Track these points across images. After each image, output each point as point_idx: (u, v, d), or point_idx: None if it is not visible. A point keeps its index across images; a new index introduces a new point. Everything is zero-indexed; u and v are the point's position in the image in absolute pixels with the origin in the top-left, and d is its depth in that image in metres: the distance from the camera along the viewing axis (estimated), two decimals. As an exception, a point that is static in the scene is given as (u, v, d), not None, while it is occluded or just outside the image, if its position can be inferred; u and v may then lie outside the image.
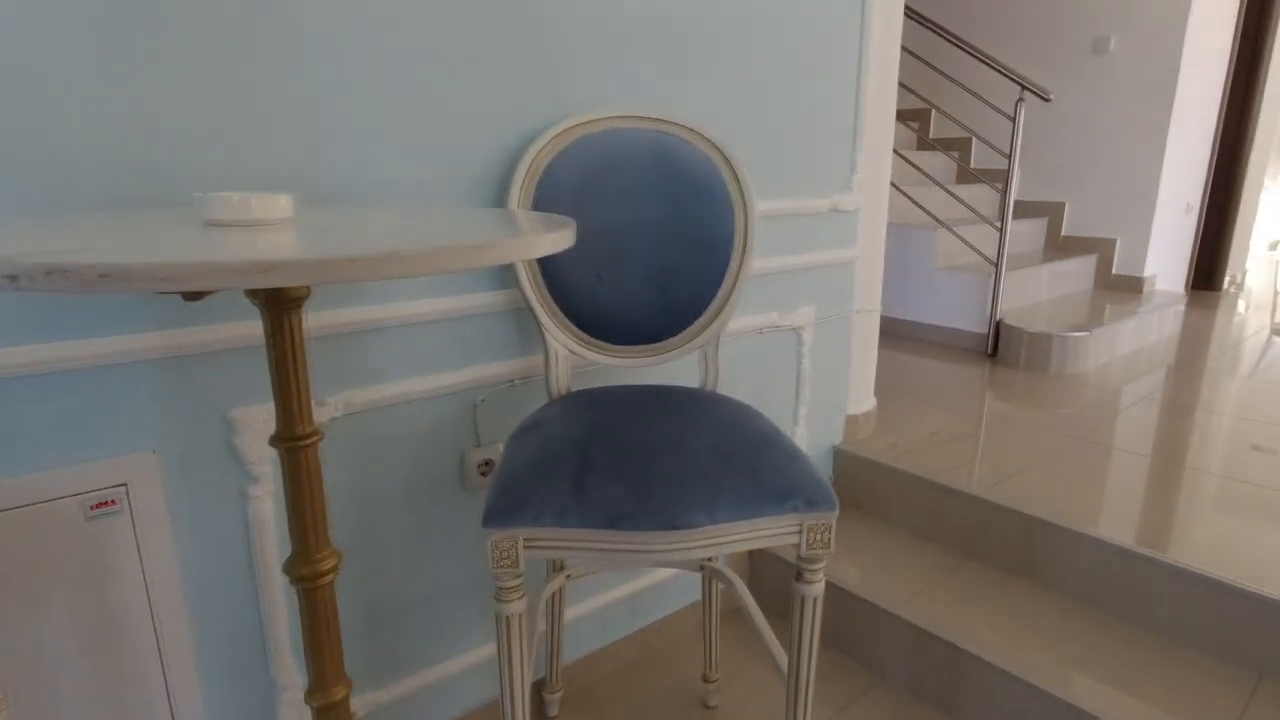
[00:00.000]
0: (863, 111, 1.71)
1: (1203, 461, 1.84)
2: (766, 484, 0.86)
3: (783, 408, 1.75)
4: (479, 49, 1.08)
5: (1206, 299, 4.12)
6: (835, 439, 1.91)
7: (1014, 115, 2.59)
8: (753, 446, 0.92)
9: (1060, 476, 1.74)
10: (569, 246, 0.75)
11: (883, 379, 2.48)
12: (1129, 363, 2.75)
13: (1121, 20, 3.19)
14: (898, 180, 3.03)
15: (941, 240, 2.92)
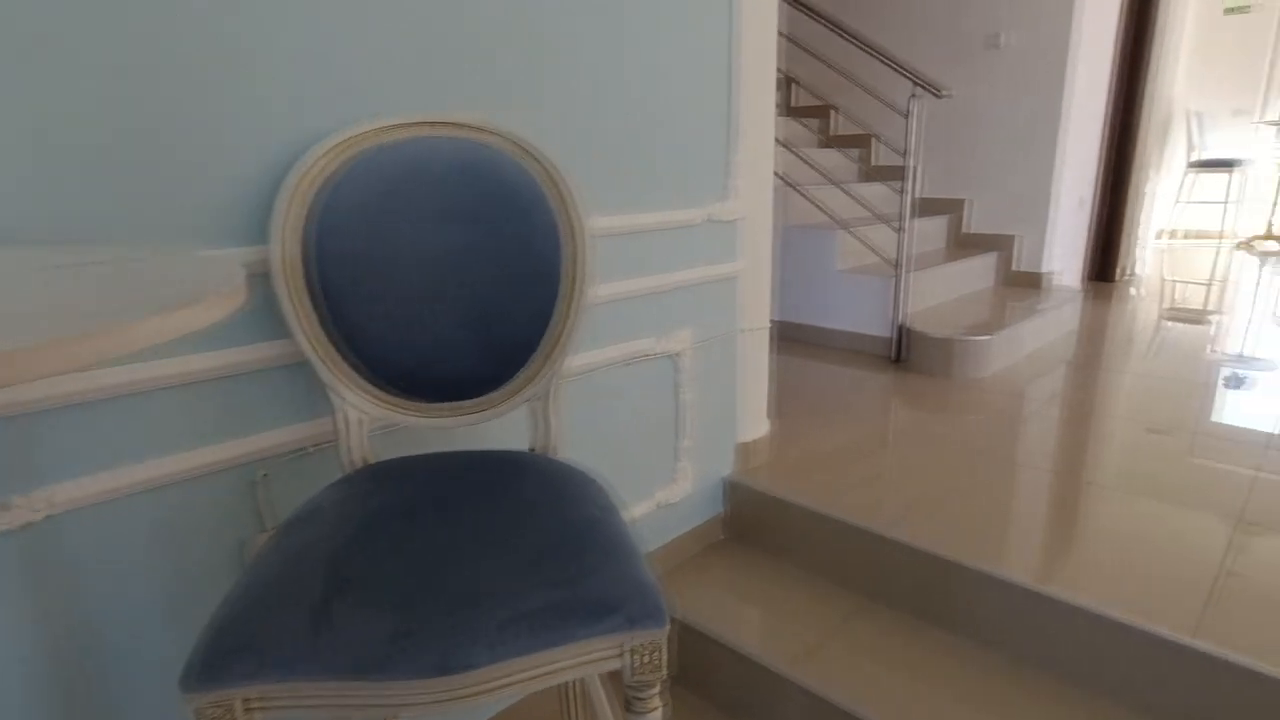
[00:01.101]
0: (738, 113, 1.54)
1: (1099, 474, 1.75)
2: (578, 598, 0.67)
3: (661, 444, 1.57)
4: (228, 47, 0.85)
5: (1103, 290, 4.19)
6: (726, 470, 1.75)
7: (909, 112, 2.49)
8: (568, 544, 0.73)
9: (964, 504, 1.62)
10: (237, 308, 0.54)
11: (784, 392, 2.34)
12: (1032, 362, 2.70)
13: (1012, 17, 3.15)
14: (799, 180, 2.90)
15: (844, 242, 2.81)
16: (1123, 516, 1.55)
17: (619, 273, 1.36)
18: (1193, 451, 1.88)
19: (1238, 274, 4.80)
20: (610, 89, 1.28)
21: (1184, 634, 1.16)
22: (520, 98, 1.15)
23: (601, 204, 1.30)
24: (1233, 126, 6.46)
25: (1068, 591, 1.27)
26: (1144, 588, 1.29)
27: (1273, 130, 6.23)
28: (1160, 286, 4.39)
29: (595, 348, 1.35)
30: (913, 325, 2.61)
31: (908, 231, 2.57)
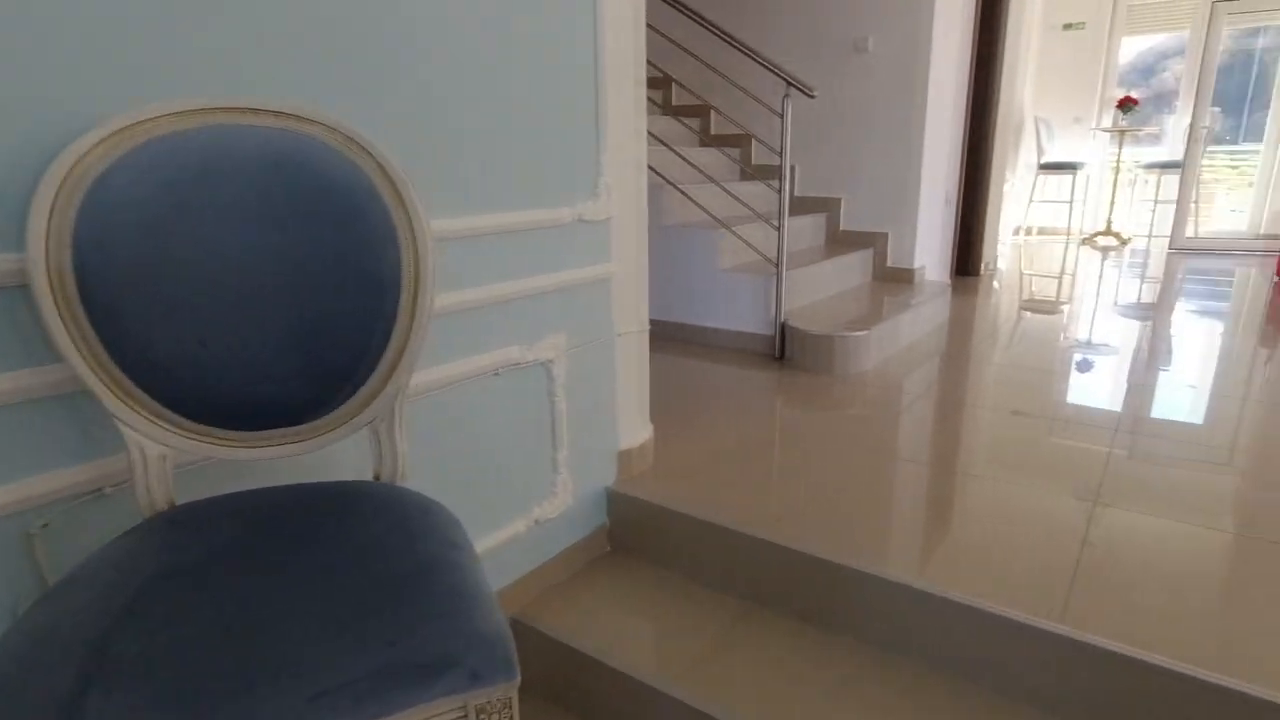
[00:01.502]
0: (606, 109, 1.47)
1: (972, 464, 1.81)
2: (409, 657, 0.57)
3: (536, 457, 1.48)
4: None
5: (968, 284, 4.43)
6: (608, 480, 1.68)
7: (782, 111, 2.51)
8: (402, 592, 0.63)
9: (845, 501, 1.62)
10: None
11: (666, 395, 2.30)
12: (908, 354, 2.79)
13: (877, 21, 3.26)
14: (678, 179, 2.88)
15: (724, 241, 2.81)
16: (993, 503, 1.59)
17: (481, 277, 1.26)
18: (1053, 433, 1.98)
19: (1083, 267, 5.21)
20: (464, 79, 1.18)
21: (1052, 618, 1.19)
22: (355, 84, 1.03)
23: (456, 203, 1.20)
24: (1074, 133, 7.04)
25: (944, 585, 1.28)
26: (1014, 573, 1.32)
27: (1106, 136, 6.83)
28: (1018, 280, 4.69)
29: (456, 359, 1.25)
30: (793, 322, 2.63)
31: (785, 229, 2.60)
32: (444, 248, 1.18)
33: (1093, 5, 6.79)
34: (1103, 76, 6.87)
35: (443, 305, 1.19)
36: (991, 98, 4.38)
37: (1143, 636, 1.14)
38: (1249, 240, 5.69)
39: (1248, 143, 6.48)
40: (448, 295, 1.20)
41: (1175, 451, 1.87)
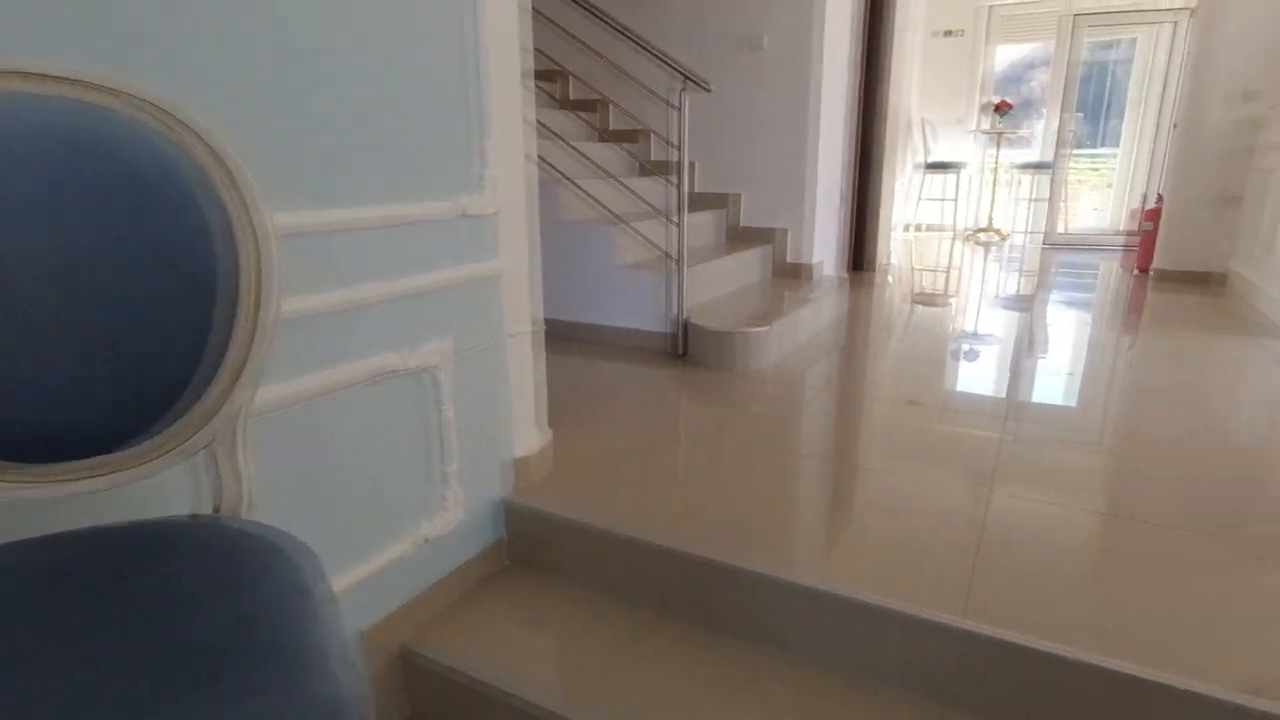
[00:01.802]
0: (487, 98, 1.37)
1: (870, 458, 1.83)
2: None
3: (422, 471, 1.37)
4: None
5: (861, 279, 4.56)
6: (503, 490, 1.58)
7: (678, 105, 2.47)
8: (213, 663, 0.52)
9: (747, 501, 1.59)
10: None
11: (565, 397, 2.22)
12: (807, 349, 2.82)
13: (769, 20, 3.29)
14: (575, 175, 2.80)
15: (621, 237, 2.75)
16: (893, 496, 1.60)
17: (349, 277, 1.15)
18: (946, 422, 2.03)
19: (967, 262, 5.48)
20: (320, 53, 1.06)
21: (955, 611, 1.19)
22: (178, 52, 0.90)
23: (314, 195, 1.08)
24: (955, 134, 7.41)
25: (846, 584, 1.26)
26: (917, 567, 1.32)
27: (984, 138, 7.23)
28: (907, 274, 4.88)
29: (322, 368, 1.12)
30: (694, 319, 2.61)
31: (685, 225, 2.57)
32: (300, 245, 1.06)
33: (969, 14, 7.16)
34: (979, 82, 7.26)
35: (301, 309, 1.06)
36: (879, 99, 4.52)
37: (1044, 625, 1.15)
38: (1110, 235, 6.15)
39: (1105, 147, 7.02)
40: (308, 297, 1.07)
41: (1058, 435, 1.95)
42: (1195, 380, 2.46)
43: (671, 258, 2.61)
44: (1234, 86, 4.11)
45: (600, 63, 2.68)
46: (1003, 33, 7.21)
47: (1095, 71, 6.91)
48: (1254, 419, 2.12)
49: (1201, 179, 4.28)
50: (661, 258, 2.76)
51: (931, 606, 1.19)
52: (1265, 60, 4.01)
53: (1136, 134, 5.94)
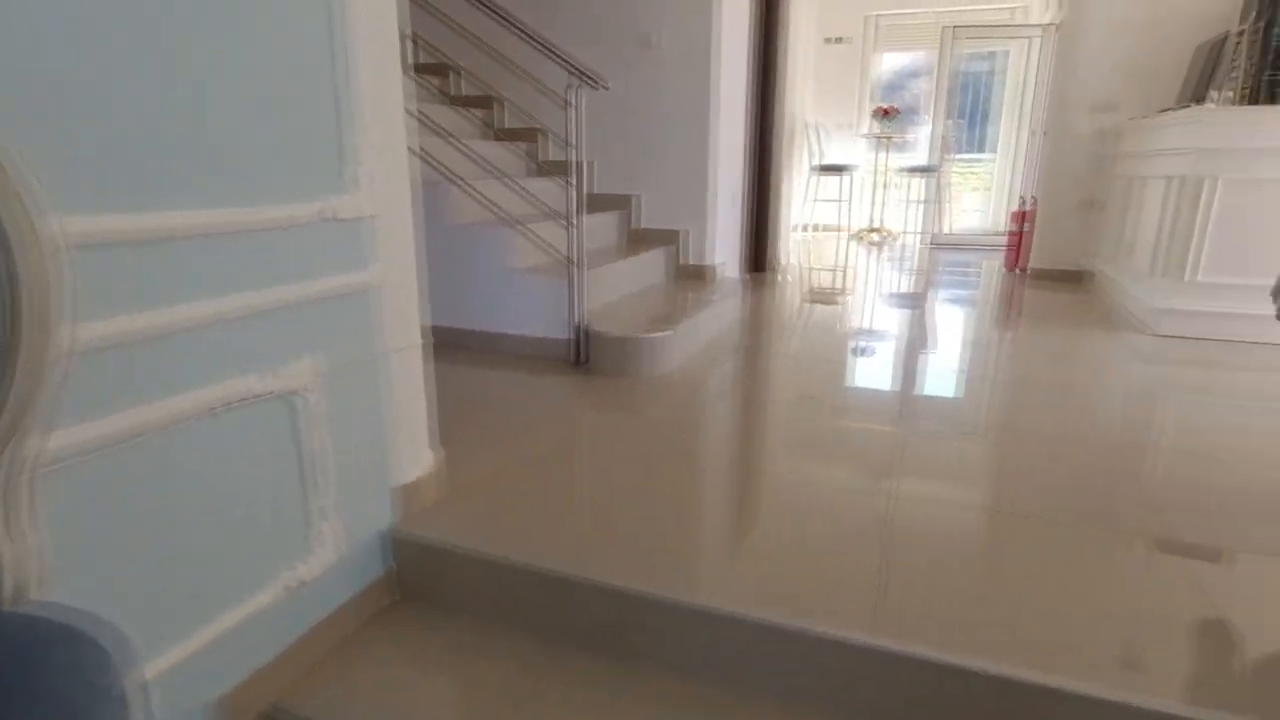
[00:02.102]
0: (355, 87, 1.23)
1: (774, 462, 1.80)
2: None
3: (285, 510, 1.22)
4: None
5: (759, 279, 4.61)
6: (387, 520, 1.44)
7: (572, 103, 2.37)
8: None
9: (652, 519, 1.51)
10: None
11: (457, 411, 2.08)
12: (709, 352, 2.79)
13: (663, 18, 3.24)
14: (465, 175, 2.65)
15: (516, 240, 2.63)
16: (799, 503, 1.57)
17: (183, 292, 0.99)
18: (850, 422, 2.03)
19: (858, 261, 5.66)
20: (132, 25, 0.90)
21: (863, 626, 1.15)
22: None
23: (132, 195, 0.92)
24: (844, 138, 7.66)
25: (752, 604, 1.21)
26: (826, 579, 1.28)
27: (871, 142, 7.51)
28: (802, 274, 4.98)
29: (149, 400, 0.96)
30: (592, 325, 2.52)
31: (582, 228, 2.47)
32: (114, 255, 0.89)
33: (855, 22, 7.42)
34: (866, 88, 7.54)
35: (117, 331, 0.90)
36: (774, 102, 4.58)
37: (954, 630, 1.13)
38: (990, 236, 6.51)
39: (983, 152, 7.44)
40: (126, 317, 0.91)
41: (950, 430, 1.99)
42: (1069, 375, 2.59)
43: (569, 261, 2.52)
44: (1094, 98, 4.41)
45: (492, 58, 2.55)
46: (886, 41, 7.52)
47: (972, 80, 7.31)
48: (1124, 411, 2.23)
49: (1068, 184, 4.57)
50: (559, 261, 2.66)
51: (846, 619, 1.16)
52: (1121, 75, 4.32)
53: (1010, 140, 6.32)
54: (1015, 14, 6.88)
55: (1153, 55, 4.23)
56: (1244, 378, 2.60)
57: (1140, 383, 2.55)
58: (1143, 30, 4.22)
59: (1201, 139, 3.01)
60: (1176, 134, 3.22)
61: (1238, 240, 3.03)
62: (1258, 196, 2.98)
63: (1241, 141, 2.95)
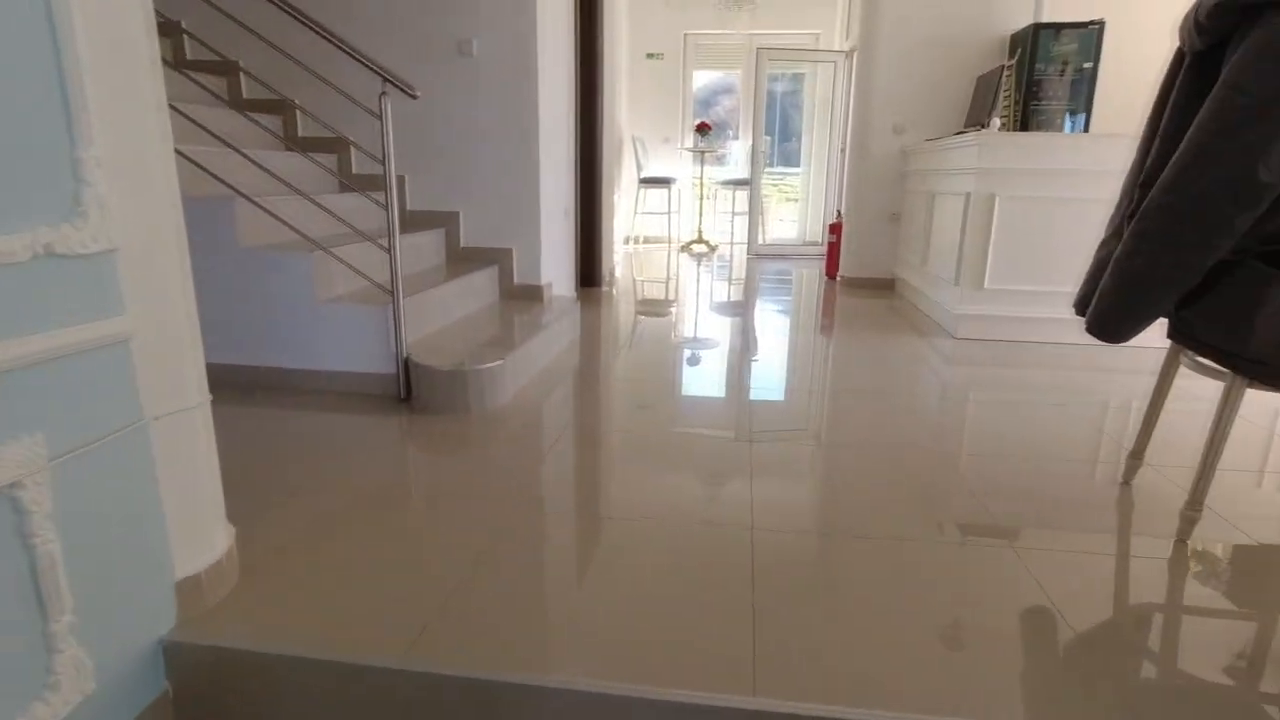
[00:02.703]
0: (87, 90, 0.96)
1: (623, 504, 1.68)
2: None
3: (15, 635, 0.91)
4: None
5: (592, 295, 4.52)
6: (163, 628, 1.15)
7: (380, 112, 2.13)
8: None
9: (494, 584, 1.33)
10: None
11: (259, 471, 1.78)
12: (546, 378, 2.63)
13: (478, 24, 3.05)
14: (258, 192, 2.31)
15: (322, 265, 2.33)
16: (652, 548, 1.46)
17: None
18: (686, 442, 1.96)
19: (684, 272, 5.75)
20: None
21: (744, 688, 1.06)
22: None
23: None
24: (665, 151, 7.82)
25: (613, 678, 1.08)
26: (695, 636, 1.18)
27: (690, 156, 7.72)
28: (633, 287, 4.96)
29: None
30: (418, 357, 2.28)
31: (398, 249, 2.23)
32: None
33: (669, 39, 7.60)
34: (682, 103, 7.74)
35: None
36: (597, 115, 4.52)
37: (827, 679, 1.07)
38: (804, 245, 6.89)
39: (786, 166, 7.90)
40: None
41: (782, 442, 1.98)
42: (888, 379, 2.72)
43: (384, 288, 2.26)
44: (888, 120, 4.77)
45: (287, 58, 2.23)
46: (699, 59, 7.77)
47: (780, 100, 7.74)
48: (939, 413, 2.37)
49: (871, 198, 4.92)
50: (372, 288, 2.39)
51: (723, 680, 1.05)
52: (909, 100, 4.71)
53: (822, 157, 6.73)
54: (820, 39, 7.39)
55: (941, 83, 4.66)
56: (1035, 375, 2.87)
57: (951, 383, 2.73)
58: (930, 62, 4.63)
59: (983, 160, 3.31)
60: (964, 155, 3.53)
61: (1017, 251, 3.36)
62: (1027, 212, 3.32)
63: (1014, 163, 3.28)
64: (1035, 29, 4.12)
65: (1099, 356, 3.17)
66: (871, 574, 1.39)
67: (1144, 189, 1.53)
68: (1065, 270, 3.35)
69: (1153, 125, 1.59)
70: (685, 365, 2.93)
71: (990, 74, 4.11)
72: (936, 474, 1.87)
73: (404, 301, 2.28)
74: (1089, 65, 4.15)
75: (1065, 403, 2.50)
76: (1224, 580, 1.43)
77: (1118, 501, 1.74)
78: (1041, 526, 1.60)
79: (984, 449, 2.06)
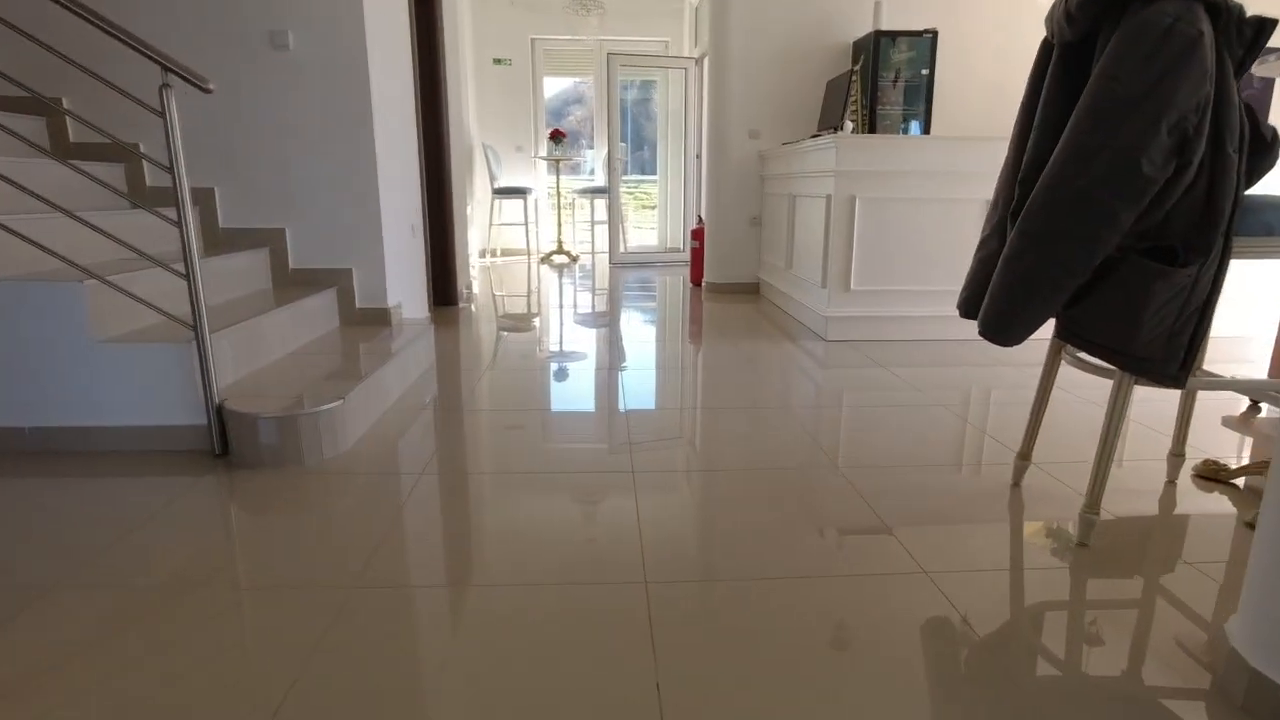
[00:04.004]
0: None
1: (485, 571, 1.42)
2: None
3: None
4: None
5: (448, 314, 4.18)
6: None
7: (163, 108, 1.74)
8: None
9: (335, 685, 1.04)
10: None
11: (17, 567, 1.36)
12: (398, 414, 2.30)
13: (291, 10, 2.66)
14: (8, 210, 1.84)
15: (101, 298, 1.89)
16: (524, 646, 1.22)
17: None
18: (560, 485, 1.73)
19: (545, 284, 5.50)
20: None
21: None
22: None
23: None
24: (518, 160, 7.53)
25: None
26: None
27: (544, 165, 7.48)
28: (492, 302, 4.66)
29: None
30: (234, 404, 1.90)
31: (198, 275, 1.84)
32: None
33: (517, 44, 7.33)
34: (533, 110, 7.49)
35: None
36: (443, 123, 4.19)
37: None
38: (665, 252, 6.83)
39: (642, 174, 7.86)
40: None
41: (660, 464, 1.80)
42: (763, 388, 2.62)
43: (185, 322, 1.86)
44: (743, 126, 4.77)
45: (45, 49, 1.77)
46: (548, 65, 7.55)
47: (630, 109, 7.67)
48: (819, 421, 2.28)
49: (731, 203, 4.90)
50: (171, 322, 1.97)
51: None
52: (762, 105, 4.73)
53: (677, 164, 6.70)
54: (669, 45, 7.38)
55: (793, 89, 4.71)
56: (911, 374, 2.88)
57: (827, 388, 2.67)
58: (780, 68, 4.67)
59: (841, 163, 3.32)
60: (823, 158, 3.53)
61: (880, 251, 3.40)
62: (886, 213, 3.36)
63: (870, 165, 3.31)
64: (876, 36, 4.24)
65: (971, 352, 3.25)
66: (779, 619, 1.22)
67: (1023, 186, 1.48)
68: (929, 268, 3.42)
69: (1025, 120, 1.55)
70: (553, 382, 2.71)
71: (840, 79, 4.19)
72: (825, 490, 1.75)
73: (212, 337, 1.90)
74: (925, 72, 4.32)
75: (944, 403, 2.50)
76: (1121, 575, 1.38)
77: (1009, 505, 1.69)
78: (937, 535, 1.51)
79: (871, 459, 1.97)
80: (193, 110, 2.70)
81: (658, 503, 1.69)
